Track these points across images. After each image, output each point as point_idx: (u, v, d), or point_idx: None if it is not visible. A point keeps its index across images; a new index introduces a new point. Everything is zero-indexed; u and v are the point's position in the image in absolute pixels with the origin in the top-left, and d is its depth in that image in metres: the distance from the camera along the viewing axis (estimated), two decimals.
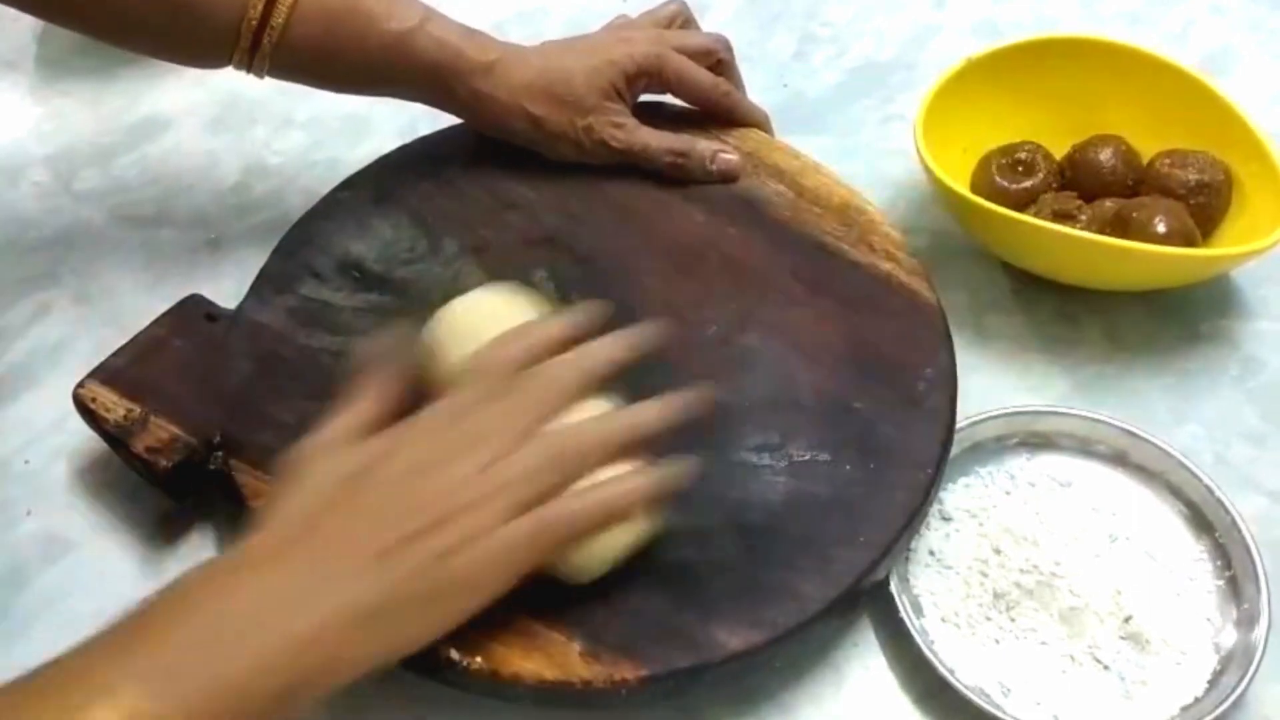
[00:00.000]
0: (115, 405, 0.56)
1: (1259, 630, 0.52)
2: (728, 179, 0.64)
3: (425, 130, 0.69)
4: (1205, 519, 0.56)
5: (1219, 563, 0.55)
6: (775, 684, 0.53)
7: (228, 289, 0.63)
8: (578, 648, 0.49)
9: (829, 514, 0.53)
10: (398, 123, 0.74)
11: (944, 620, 0.54)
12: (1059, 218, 0.65)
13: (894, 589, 0.53)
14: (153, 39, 0.61)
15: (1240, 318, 0.66)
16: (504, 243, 0.63)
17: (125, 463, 0.57)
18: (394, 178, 0.66)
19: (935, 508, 0.56)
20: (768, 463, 0.55)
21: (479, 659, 0.48)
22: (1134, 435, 0.58)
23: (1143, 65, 0.68)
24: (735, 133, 0.68)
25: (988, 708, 0.50)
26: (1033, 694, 0.52)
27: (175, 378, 0.58)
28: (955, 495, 0.57)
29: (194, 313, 0.60)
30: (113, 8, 0.59)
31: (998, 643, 0.53)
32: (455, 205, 0.65)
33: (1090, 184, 0.67)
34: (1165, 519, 0.57)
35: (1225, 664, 0.52)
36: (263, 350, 0.58)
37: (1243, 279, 0.67)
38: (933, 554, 0.55)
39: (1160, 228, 0.62)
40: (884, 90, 0.78)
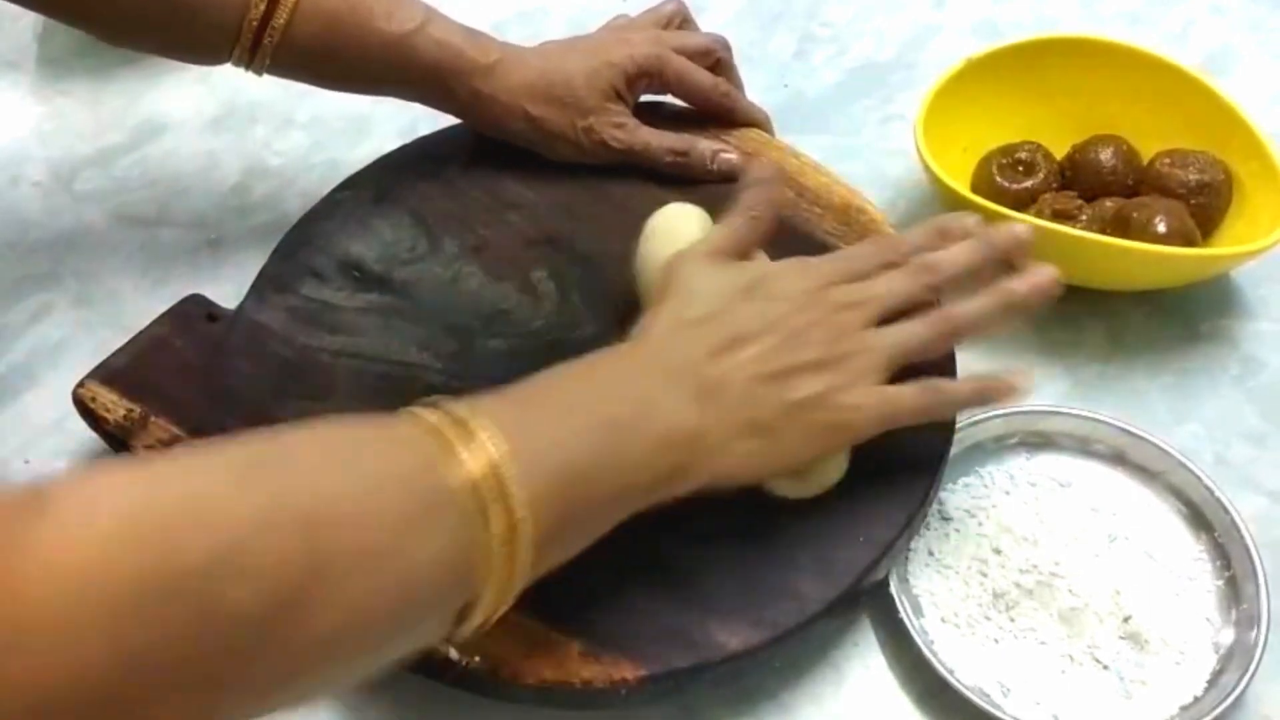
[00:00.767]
0: (115, 405, 0.56)
1: (1258, 630, 0.52)
2: (729, 178, 0.64)
3: (425, 130, 0.69)
4: (1205, 519, 0.56)
5: (1218, 562, 0.55)
6: (775, 684, 0.53)
7: (228, 289, 0.63)
8: (577, 647, 0.49)
9: (829, 514, 0.53)
10: (398, 123, 0.74)
11: (944, 620, 0.54)
12: (1059, 217, 0.65)
13: (894, 589, 0.53)
14: (152, 35, 0.61)
15: (1240, 317, 0.66)
16: (504, 243, 0.63)
17: None
18: (394, 178, 0.66)
19: (935, 508, 0.56)
20: None
21: (478, 658, 0.48)
22: (1134, 435, 0.58)
23: (1143, 65, 0.68)
24: (735, 133, 0.68)
25: (987, 707, 0.50)
26: (1032, 694, 0.52)
27: (176, 378, 0.58)
28: (955, 495, 0.57)
29: (194, 313, 0.60)
30: (114, 3, 0.59)
31: (997, 642, 0.53)
32: (455, 205, 0.65)
33: (1090, 184, 0.67)
34: (1165, 519, 0.57)
35: (1224, 663, 0.52)
36: (263, 350, 0.58)
37: (1243, 279, 0.67)
38: (932, 554, 0.55)
39: (1160, 227, 0.62)
40: (884, 90, 0.78)
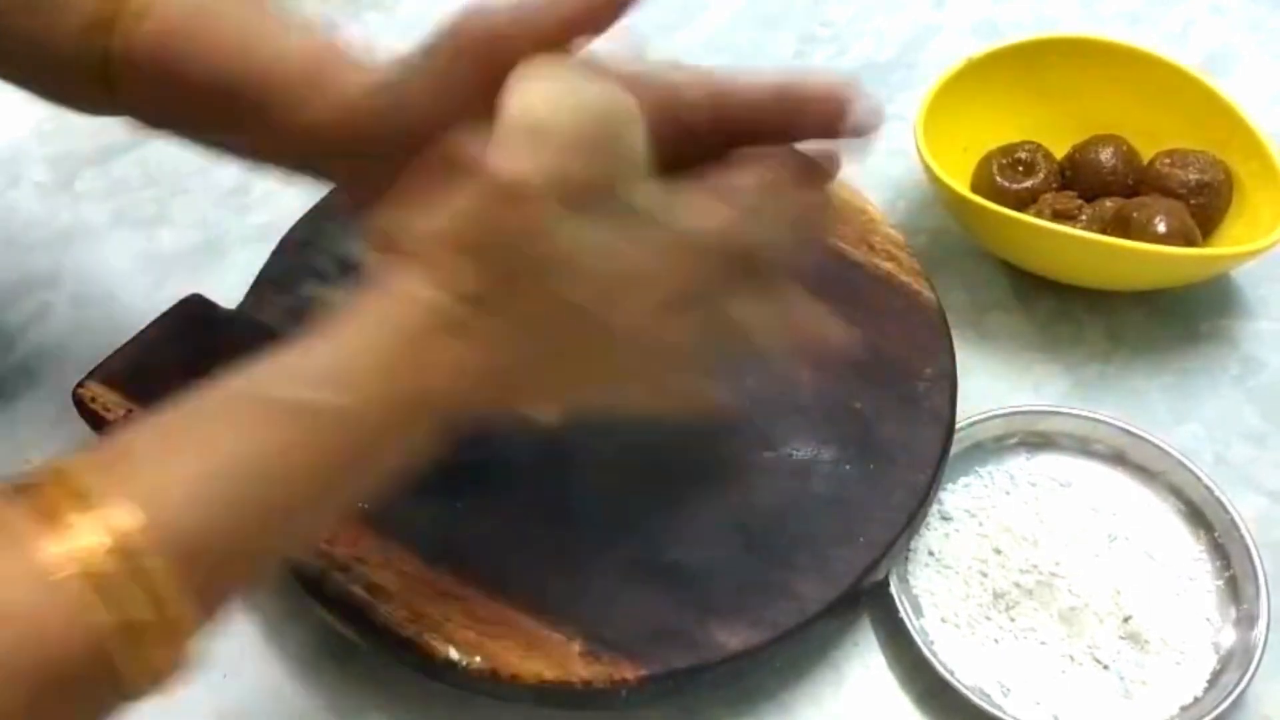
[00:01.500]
0: (116, 405, 0.56)
1: (1258, 630, 0.52)
2: None
3: None
4: (1205, 519, 0.56)
5: (1218, 562, 0.55)
6: (775, 684, 0.53)
7: (229, 289, 0.62)
8: (577, 648, 0.49)
9: (828, 514, 0.53)
10: None
11: (944, 620, 0.54)
12: (1059, 217, 0.65)
13: (894, 589, 0.53)
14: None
15: (1240, 317, 0.66)
16: None
17: None
18: None
19: (935, 507, 0.56)
20: (768, 462, 0.55)
21: (478, 659, 0.48)
22: (1134, 435, 0.58)
23: (1143, 65, 0.68)
24: None
25: (987, 708, 0.50)
26: (1032, 694, 0.52)
27: (176, 378, 0.57)
28: (955, 495, 0.57)
29: (195, 313, 0.60)
30: None
31: (997, 642, 0.53)
32: None
33: (1090, 184, 0.67)
34: (1165, 519, 0.57)
35: (1225, 663, 0.52)
36: (264, 350, 0.58)
37: (1243, 279, 0.67)
38: (932, 554, 0.55)
39: (1160, 227, 0.62)
40: (884, 90, 0.77)
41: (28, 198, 0.72)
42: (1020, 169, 0.67)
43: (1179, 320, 0.65)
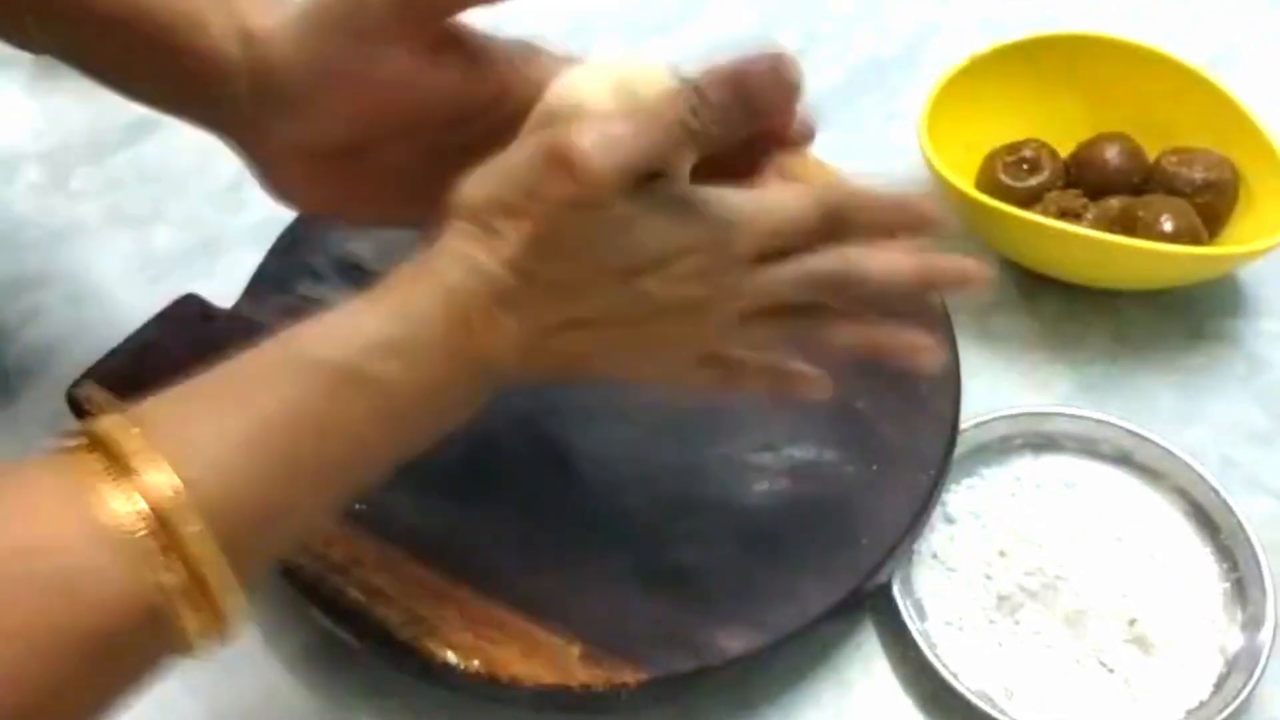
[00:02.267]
0: (111, 406, 0.56)
1: (1265, 633, 0.52)
2: None
3: None
4: (1211, 520, 0.56)
5: (1225, 565, 0.55)
6: (777, 687, 0.52)
7: (224, 288, 0.62)
8: (577, 651, 0.48)
9: (831, 516, 0.53)
10: None
11: (947, 623, 0.53)
12: (1064, 216, 0.64)
13: (897, 591, 0.53)
14: None
15: (1247, 316, 0.65)
16: None
17: None
18: None
19: (939, 509, 0.56)
20: (769, 464, 0.54)
21: (476, 662, 0.48)
22: (1139, 436, 0.58)
23: (1149, 62, 0.68)
24: None
25: (991, 711, 0.50)
26: (1037, 697, 0.51)
27: (171, 378, 0.57)
28: (959, 497, 0.57)
29: (190, 312, 0.60)
30: None
31: (1001, 645, 0.53)
32: None
33: (1096, 182, 0.66)
34: (1171, 521, 0.57)
35: (1231, 667, 0.52)
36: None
37: (1249, 277, 0.66)
38: (936, 556, 0.55)
39: (1166, 226, 0.62)
40: (887, 87, 0.77)
41: (22, 197, 0.72)
42: (1025, 167, 0.67)
43: (1185, 320, 0.65)
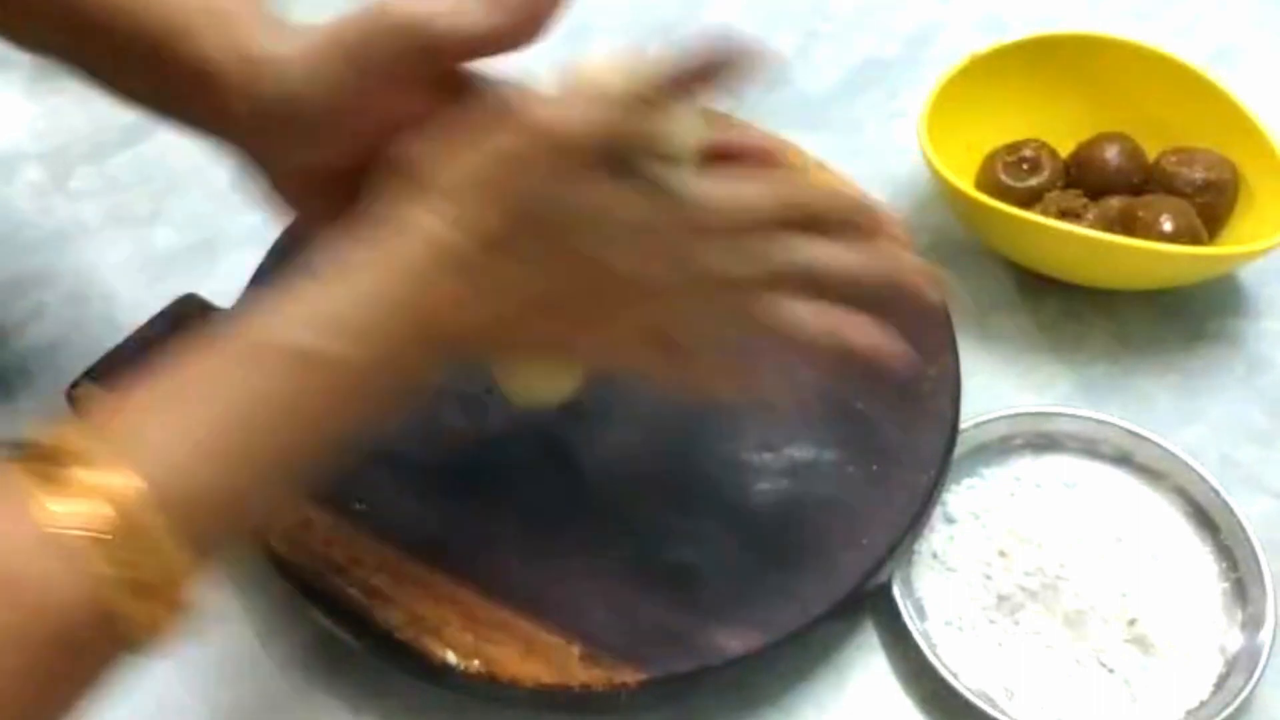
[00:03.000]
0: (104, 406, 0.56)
1: (1265, 633, 0.52)
2: None
3: None
4: (1211, 520, 0.56)
5: (1225, 565, 0.55)
6: (777, 687, 0.52)
7: (224, 288, 0.62)
8: (577, 651, 0.48)
9: (831, 515, 0.53)
10: None
11: (947, 623, 0.53)
12: (1064, 216, 0.64)
13: (897, 591, 0.53)
14: None
15: (1247, 316, 0.65)
16: None
17: None
18: None
19: (939, 509, 0.56)
20: (769, 464, 0.54)
21: (476, 662, 0.48)
22: (1139, 436, 0.58)
23: (1149, 62, 0.68)
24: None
25: (991, 711, 0.50)
26: (1037, 697, 0.51)
27: None
28: (959, 497, 0.57)
29: (190, 312, 0.60)
30: None
31: (1001, 646, 0.53)
32: None
33: (1096, 182, 0.66)
34: (1171, 521, 0.57)
35: (1231, 667, 0.52)
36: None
37: (1249, 277, 0.66)
38: (936, 556, 0.55)
39: (1166, 226, 0.62)
40: (887, 87, 0.77)
41: (22, 196, 0.72)
42: (1025, 167, 0.67)
43: (1185, 320, 0.65)
